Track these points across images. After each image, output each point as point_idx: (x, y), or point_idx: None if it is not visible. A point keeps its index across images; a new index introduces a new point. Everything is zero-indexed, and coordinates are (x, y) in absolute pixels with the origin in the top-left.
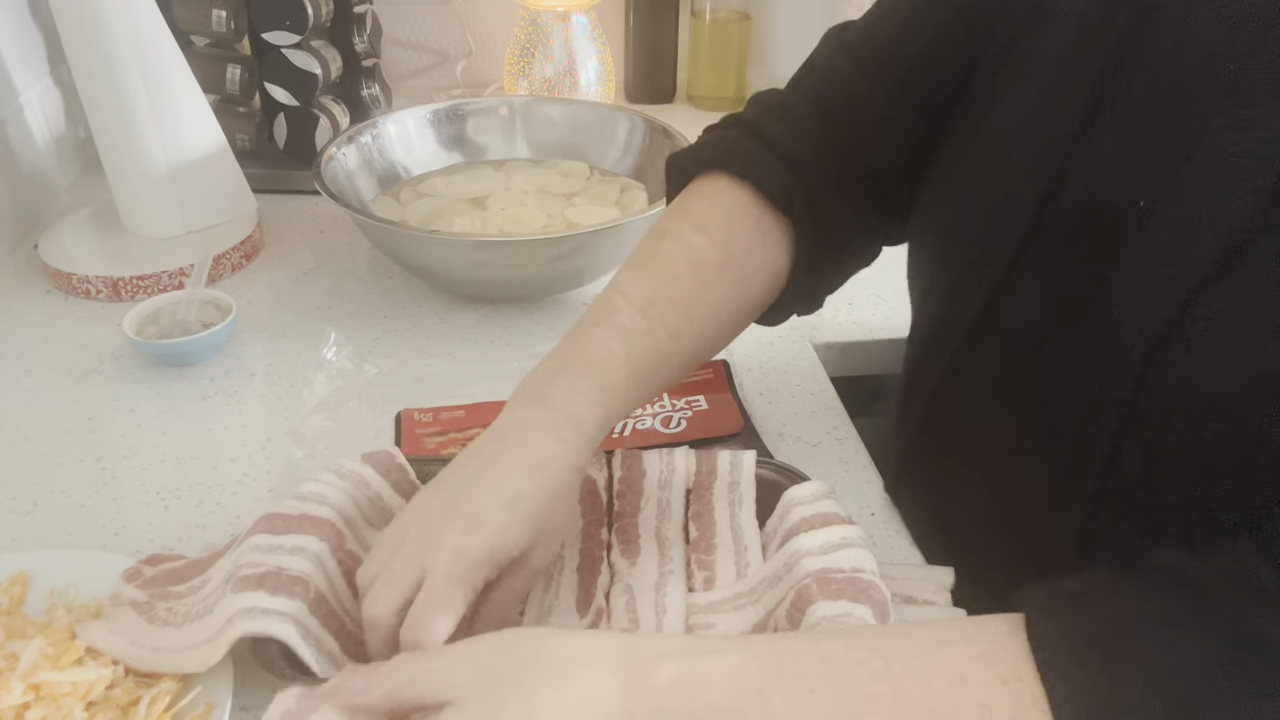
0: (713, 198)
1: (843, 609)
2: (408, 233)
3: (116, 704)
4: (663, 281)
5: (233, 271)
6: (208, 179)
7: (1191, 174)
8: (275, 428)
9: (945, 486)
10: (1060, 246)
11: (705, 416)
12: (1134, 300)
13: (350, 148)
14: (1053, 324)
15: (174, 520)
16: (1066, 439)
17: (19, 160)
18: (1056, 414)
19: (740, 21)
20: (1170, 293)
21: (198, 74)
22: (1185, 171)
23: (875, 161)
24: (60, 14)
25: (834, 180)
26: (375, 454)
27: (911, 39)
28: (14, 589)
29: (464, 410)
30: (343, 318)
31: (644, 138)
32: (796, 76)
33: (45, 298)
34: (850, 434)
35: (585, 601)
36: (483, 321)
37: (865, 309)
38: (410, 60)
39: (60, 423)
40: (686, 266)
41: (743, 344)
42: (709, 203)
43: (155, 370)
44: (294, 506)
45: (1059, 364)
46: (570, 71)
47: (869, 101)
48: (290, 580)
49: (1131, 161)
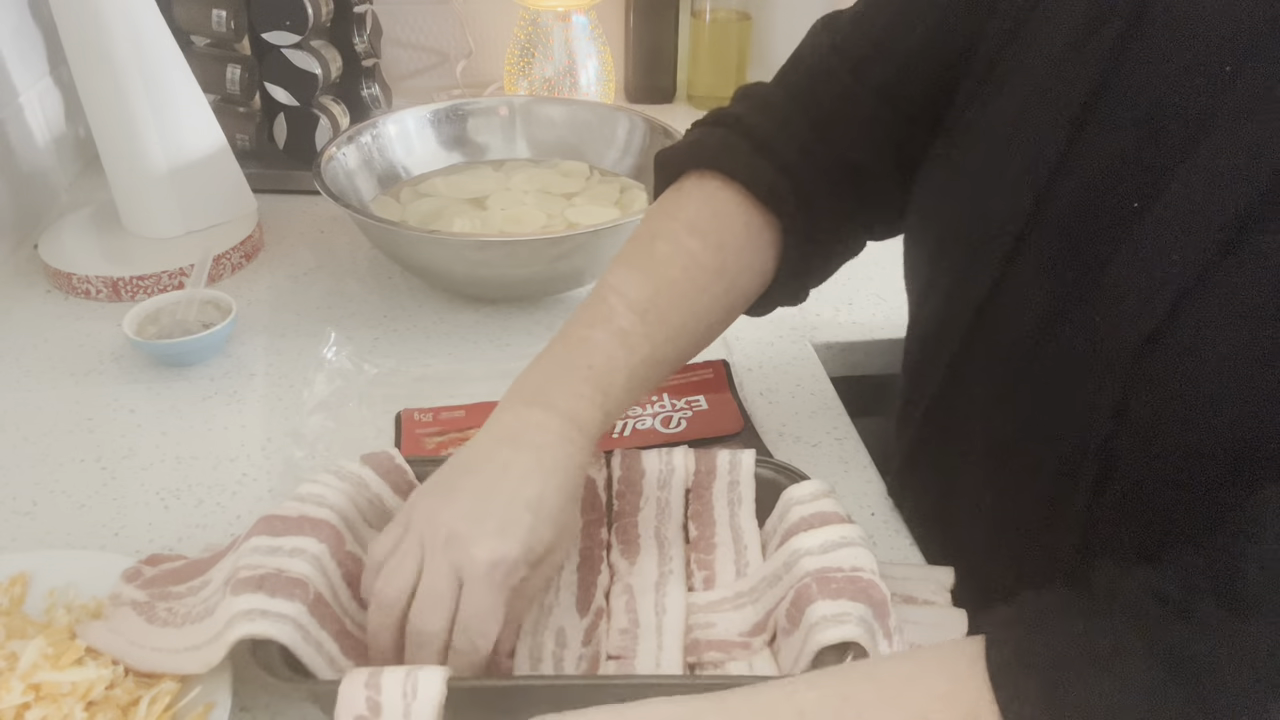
0: (704, 200)
1: (842, 608)
2: (408, 233)
3: (116, 704)
4: (659, 285)
5: (233, 271)
6: (208, 179)
7: (1186, 174)
8: (275, 428)
9: (947, 485)
10: (1055, 247)
11: (705, 416)
12: (1127, 299)
13: (350, 148)
14: (1048, 323)
15: (174, 520)
16: (1064, 437)
17: (19, 160)
18: (1053, 412)
19: (740, 21)
20: (1163, 290)
21: (198, 74)
22: (1181, 171)
23: (864, 160)
24: (60, 14)
25: (823, 180)
26: (374, 455)
27: (901, 37)
28: (14, 589)
29: (464, 410)
30: (343, 318)
31: (644, 138)
32: (784, 71)
33: (45, 298)
34: (850, 434)
35: (585, 601)
36: (483, 321)
37: (865, 309)
38: (410, 60)
39: (60, 423)
40: (681, 270)
41: (742, 344)
42: (700, 205)
43: (155, 370)
44: (293, 508)
45: (1054, 363)
46: (570, 71)
47: (857, 100)
48: (290, 582)
49: (1126, 162)
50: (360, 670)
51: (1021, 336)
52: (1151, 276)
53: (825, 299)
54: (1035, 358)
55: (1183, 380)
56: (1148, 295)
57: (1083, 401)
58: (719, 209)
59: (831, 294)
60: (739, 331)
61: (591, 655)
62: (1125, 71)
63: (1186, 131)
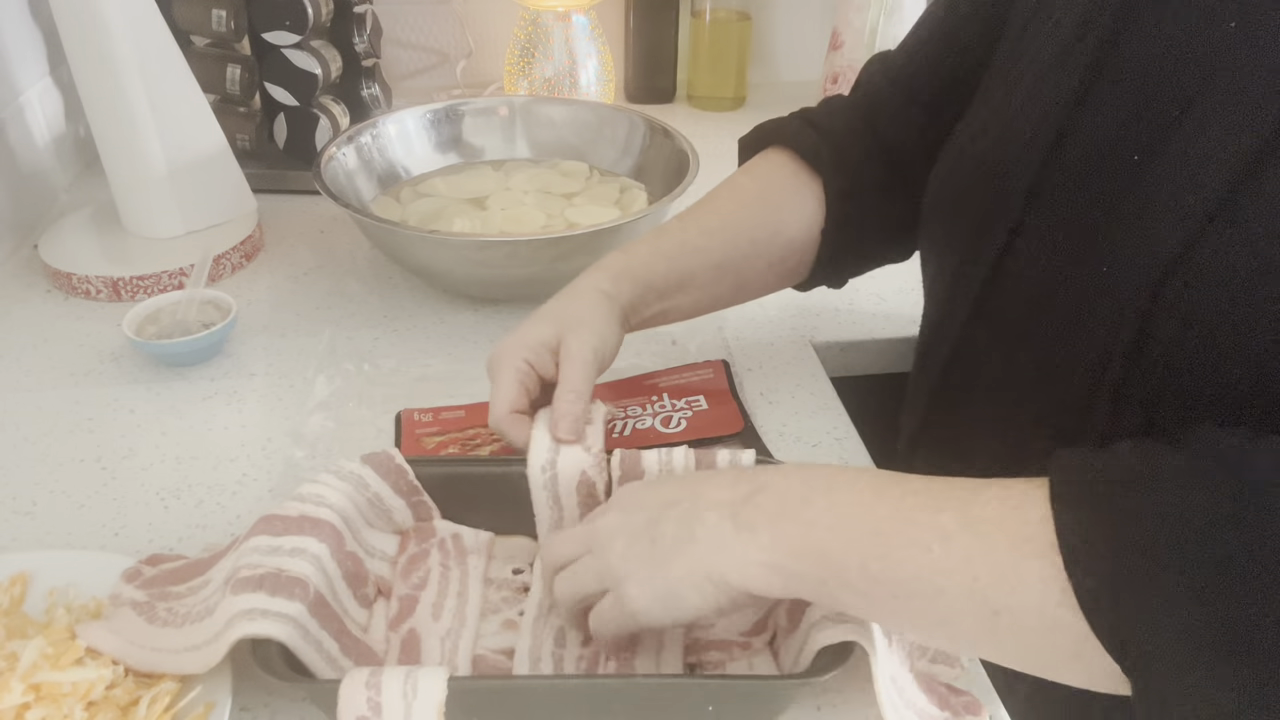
0: (760, 158)
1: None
2: (408, 233)
3: (116, 704)
4: (707, 199)
5: (233, 271)
6: (208, 179)
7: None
8: (275, 428)
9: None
10: (1063, 201)
11: (705, 416)
12: (1138, 242)
13: (350, 148)
14: (1060, 275)
15: (174, 520)
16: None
17: (19, 160)
18: (1067, 356)
19: (740, 21)
20: (1174, 232)
21: (198, 74)
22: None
23: (895, 142)
24: (60, 14)
25: (860, 149)
26: (374, 455)
27: (921, 49)
28: (14, 589)
29: (464, 410)
30: (343, 318)
31: (644, 138)
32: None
33: (45, 298)
34: (850, 434)
35: None
36: (483, 321)
37: (865, 309)
38: (410, 60)
39: (60, 423)
40: (727, 191)
41: (742, 344)
42: (756, 161)
43: (155, 370)
44: (293, 508)
45: (1067, 311)
46: (570, 71)
47: (889, 97)
48: (290, 582)
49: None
50: (360, 670)
51: (1034, 292)
52: (1163, 219)
53: (825, 299)
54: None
55: (1204, 306)
56: (1160, 236)
57: (1096, 346)
58: (772, 161)
59: (832, 294)
60: (739, 332)
61: (591, 655)
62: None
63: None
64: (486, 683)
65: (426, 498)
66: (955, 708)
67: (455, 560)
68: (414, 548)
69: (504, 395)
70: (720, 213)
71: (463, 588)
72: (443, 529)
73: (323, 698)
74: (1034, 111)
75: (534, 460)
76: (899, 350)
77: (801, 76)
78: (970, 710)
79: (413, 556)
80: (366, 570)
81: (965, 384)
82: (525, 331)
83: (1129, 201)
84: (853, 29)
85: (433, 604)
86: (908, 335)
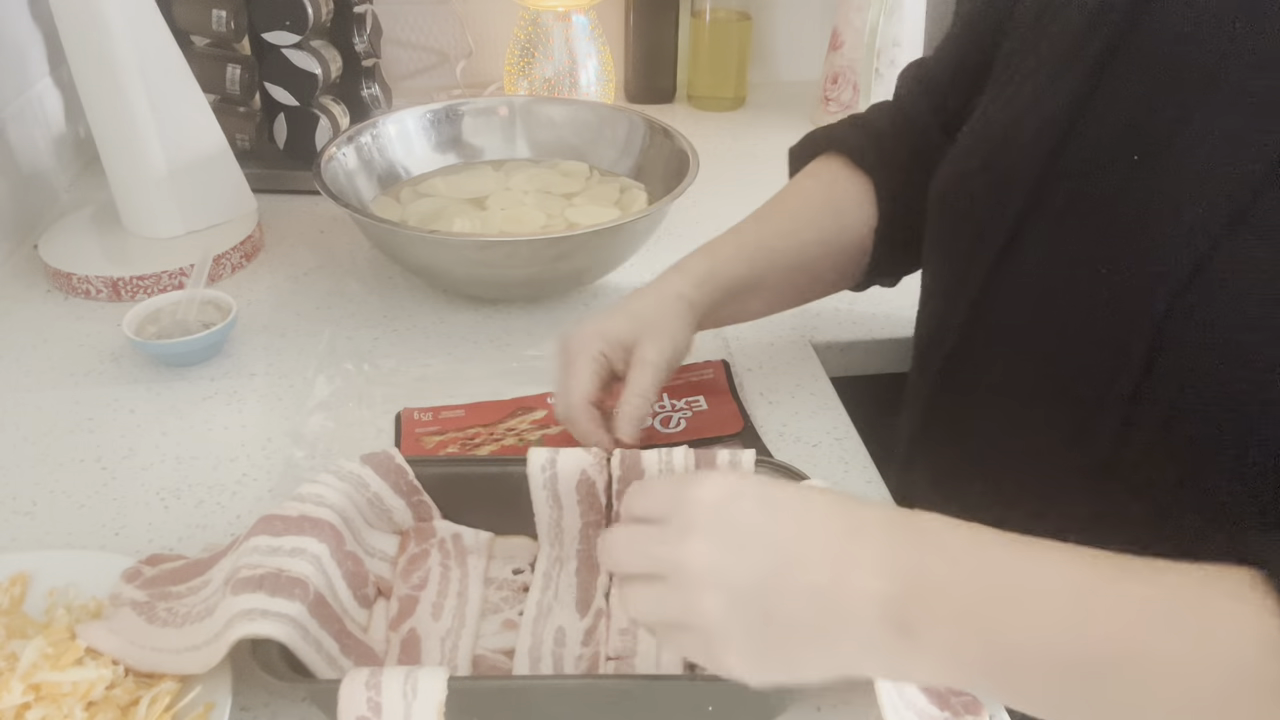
0: (819, 162)
1: None
2: (408, 233)
3: (116, 704)
4: (774, 202)
5: (233, 271)
6: (208, 179)
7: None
8: (275, 428)
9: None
10: (1065, 202)
11: (705, 416)
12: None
13: (350, 148)
14: (1062, 278)
15: (174, 520)
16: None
17: (19, 160)
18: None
19: (740, 21)
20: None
21: (198, 74)
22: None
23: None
24: (60, 14)
25: (907, 149)
26: (374, 455)
27: (942, 57)
28: (14, 589)
29: (464, 410)
30: (343, 318)
31: (644, 138)
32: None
33: (45, 298)
34: (850, 434)
35: (585, 602)
36: (483, 321)
37: (865, 309)
38: (410, 60)
39: (60, 423)
40: (794, 194)
41: (743, 344)
42: (815, 164)
43: (155, 370)
44: (293, 508)
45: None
46: (570, 71)
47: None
48: (290, 582)
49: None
50: (360, 670)
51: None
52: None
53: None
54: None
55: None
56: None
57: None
58: (828, 165)
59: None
60: (739, 331)
61: (591, 655)
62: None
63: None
64: (486, 683)
65: (426, 498)
66: (955, 708)
67: (455, 560)
68: (414, 548)
69: (581, 383)
70: (792, 215)
71: (463, 588)
72: (443, 529)
73: (323, 698)
74: (1038, 110)
75: (534, 459)
76: (899, 350)
77: (802, 76)
78: (970, 710)
79: (413, 556)
80: (366, 570)
81: (966, 386)
82: (604, 324)
83: (1132, 206)
84: (853, 29)
85: (433, 604)
86: (908, 335)
